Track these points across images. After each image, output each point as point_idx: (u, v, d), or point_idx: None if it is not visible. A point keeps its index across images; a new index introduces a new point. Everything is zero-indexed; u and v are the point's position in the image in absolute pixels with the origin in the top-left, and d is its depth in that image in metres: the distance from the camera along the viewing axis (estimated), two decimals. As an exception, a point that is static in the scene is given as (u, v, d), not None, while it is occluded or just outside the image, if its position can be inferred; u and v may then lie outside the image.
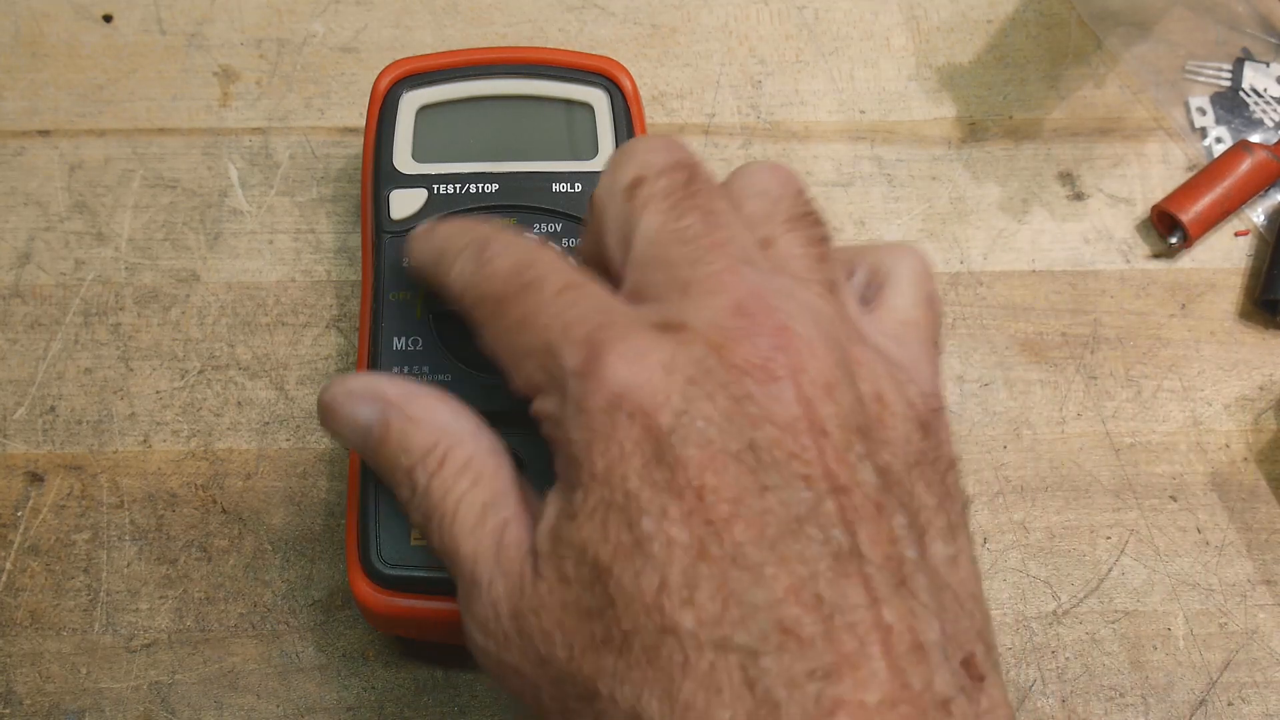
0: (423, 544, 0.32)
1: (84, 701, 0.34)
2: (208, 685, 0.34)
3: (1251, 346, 0.41)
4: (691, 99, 0.44)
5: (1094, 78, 0.45)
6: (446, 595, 0.31)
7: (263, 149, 0.42)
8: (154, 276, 0.40)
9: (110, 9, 0.45)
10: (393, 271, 0.35)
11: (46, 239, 0.41)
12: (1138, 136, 0.44)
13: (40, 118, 0.43)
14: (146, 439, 0.38)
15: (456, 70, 0.38)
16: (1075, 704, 0.35)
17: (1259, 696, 0.36)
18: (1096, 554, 0.37)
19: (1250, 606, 0.37)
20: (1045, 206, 0.43)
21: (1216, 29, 0.46)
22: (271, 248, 0.41)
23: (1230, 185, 0.42)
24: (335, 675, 0.35)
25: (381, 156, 0.37)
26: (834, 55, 0.45)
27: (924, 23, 0.46)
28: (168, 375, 0.39)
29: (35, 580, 0.36)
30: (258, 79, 0.44)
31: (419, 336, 0.34)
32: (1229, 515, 0.38)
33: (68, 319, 0.39)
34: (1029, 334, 0.41)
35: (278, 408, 0.38)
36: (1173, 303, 0.41)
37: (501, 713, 0.35)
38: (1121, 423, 0.39)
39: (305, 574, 0.36)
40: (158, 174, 0.42)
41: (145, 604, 0.35)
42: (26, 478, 0.37)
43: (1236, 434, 0.39)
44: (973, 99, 0.45)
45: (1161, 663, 0.36)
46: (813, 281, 0.27)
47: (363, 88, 0.41)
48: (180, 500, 0.37)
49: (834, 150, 0.43)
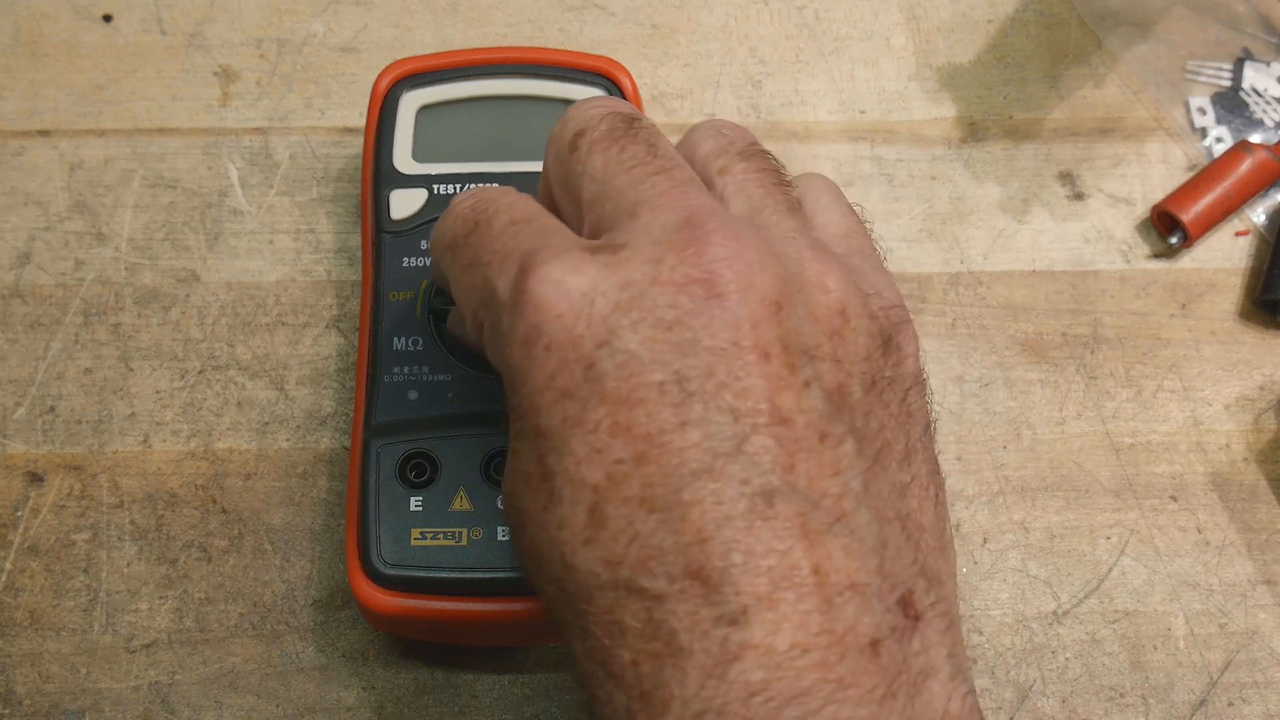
0: (423, 544, 0.32)
1: (84, 701, 0.34)
2: (208, 685, 0.34)
3: (1252, 346, 0.41)
4: (691, 99, 0.44)
5: (1094, 78, 0.45)
6: (446, 595, 0.31)
7: (263, 149, 0.42)
8: (154, 276, 0.40)
9: (110, 9, 0.45)
10: (393, 271, 0.35)
11: (46, 239, 0.41)
12: (1138, 136, 0.44)
13: (40, 118, 0.43)
14: (146, 439, 0.38)
15: (456, 70, 0.38)
16: (1075, 704, 0.35)
17: (1259, 697, 0.36)
18: (1096, 554, 0.37)
19: (1250, 607, 0.37)
20: (1045, 206, 0.43)
21: (1216, 29, 0.46)
22: (271, 248, 0.41)
23: (1230, 185, 0.42)
24: (335, 675, 0.35)
25: (381, 156, 0.37)
26: (834, 55, 0.45)
27: (924, 23, 0.46)
28: (168, 375, 0.39)
29: (35, 580, 0.36)
30: (258, 79, 0.44)
31: (419, 336, 0.34)
32: (1229, 515, 0.38)
33: (68, 319, 0.39)
34: (1029, 334, 0.41)
35: (278, 408, 0.38)
36: (1173, 303, 0.41)
37: (502, 713, 0.35)
38: (1121, 423, 0.39)
39: (305, 574, 0.36)
40: (158, 174, 0.42)
41: (145, 604, 0.35)
42: (26, 478, 0.37)
43: (1237, 434, 0.39)
44: (973, 99, 0.45)
45: (1162, 663, 0.36)
46: (770, 201, 0.26)
47: (363, 88, 0.41)
48: (180, 500, 0.37)
49: (834, 150, 0.43)
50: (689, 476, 0.22)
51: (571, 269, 0.23)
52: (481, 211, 0.27)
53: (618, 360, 0.22)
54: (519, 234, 0.25)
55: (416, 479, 0.32)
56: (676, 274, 0.23)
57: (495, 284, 0.25)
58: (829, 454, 0.22)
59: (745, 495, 0.22)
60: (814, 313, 0.24)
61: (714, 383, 0.22)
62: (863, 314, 0.24)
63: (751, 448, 0.22)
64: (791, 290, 0.24)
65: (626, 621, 0.22)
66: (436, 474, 0.32)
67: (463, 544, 0.32)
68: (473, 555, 0.31)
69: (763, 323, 0.23)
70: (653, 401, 0.22)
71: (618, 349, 0.22)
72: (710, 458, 0.22)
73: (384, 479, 0.32)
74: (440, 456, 0.33)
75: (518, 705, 0.35)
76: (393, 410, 0.33)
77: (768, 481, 0.22)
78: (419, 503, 0.32)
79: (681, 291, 0.23)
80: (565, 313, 0.23)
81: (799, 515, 0.22)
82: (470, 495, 0.32)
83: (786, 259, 0.24)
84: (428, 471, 0.32)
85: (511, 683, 0.35)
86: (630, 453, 0.22)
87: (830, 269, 0.25)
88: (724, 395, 0.22)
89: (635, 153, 0.26)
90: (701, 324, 0.23)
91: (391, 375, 0.34)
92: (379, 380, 0.34)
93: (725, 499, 0.21)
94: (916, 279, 0.41)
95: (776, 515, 0.22)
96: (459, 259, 0.27)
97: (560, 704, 0.35)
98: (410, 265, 0.35)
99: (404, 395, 0.34)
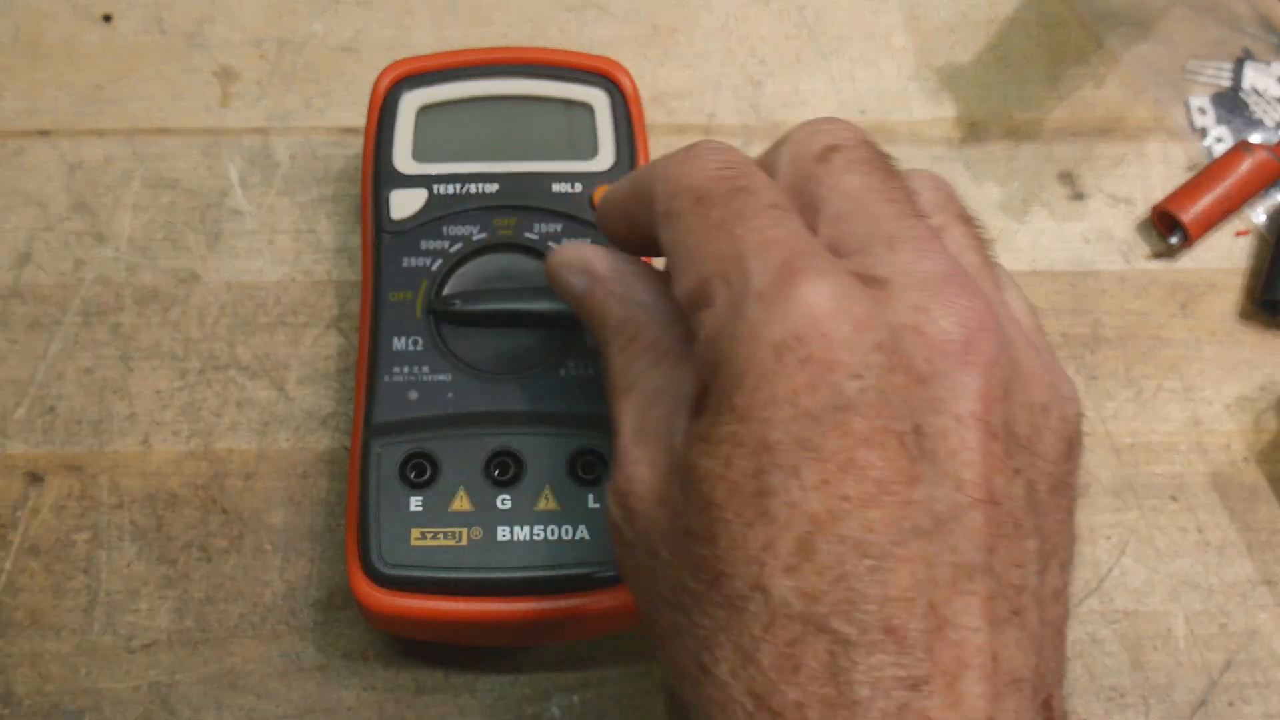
0: (423, 544, 0.32)
1: (84, 702, 0.34)
2: (208, 685, 0.34)
3: (1252, 346, 0.41)
4: (691, 99, 0.44)
5: (1094, 78, 0.45)
6: (446, 595, 0.31)
7: (263, 149, 0.42)
8: (154, 276, 0.40)
9: (110, 9, 0.45)
10: (393, 271, 0.35)
11: (46, 239, 0.41)
12: (1138, 136, 0.44)
13: (40, 118, 0.43)
14: (146, 439, 0.38)
15: (456, 70, 0.38)
16: (1076, 704, 0.35)
17: (1260, 697, 0.36)
18: (1097, 554, 0.37)
19: (1251, 607, 0.37)
20: (1045, 206, 0.43)
21: (1216, 29, 0.46)
22: (271, 248, 0.41)
23: (1231, 185, 0.42)
24: (335, 675, 0.35)
25: (381, 156, 0.37)
26: (834, 55, 0.45)
27: (924, 23, 0.46)
28: (168, 375, 0.39)
29: (35, 580, 0.36)
30: (258, 79, 0.44)
31: (419, 336, 0.34)
32: (1229, 515, 0.38)
33: (68, 319, 0.39)
34: (1029, 334, 0.41)
35: (278, 408, 0.38)
36: (1173, 303, 0.41)
37: (502, 713, 0.35)
38: (1122, 423, 0.39)
39: (305, 574, 0.36)
40: (158, 174, 0.42)
41: (145, 604, 0.35)
42: (26, 478, 0.37)
43: (1237, 434, 0.39)
44: (973, 99, 0.45)
45: (1162, 663, 0.36)
46: (986, 274, 0.25)
47: (363, 88, 0.41)
48: (180, 500, 0.37)
49: (834, 150, 0.43)
50: (909, 532, 0.21)
51: (846, 292, 0.23)
52: (741, 177, 0.25)
53: (869, 399, 0.22)
54: (783, 224, 0.24)
55: (416, 479, 0.32)
56: (939, 329, 0.23)
57: (751, 265, 0.23)
58: (1019, 545, 0.22)
59: (952, 565, 0.21)
60: (1031, 404, 0.24)
61: (947, 447, 0.22)
62: (1059, 414, 0.24)
63: (967, 520, 0.22)
64: (1018, 376, 0.23)
65: (806, 660, 0.21)
66: (436, 474, 0.32)
67: (463, 544, 0.32)
68: (473, 555, 0.31)
69: (998, 402, 0.23)
70: (892, 449, 0.22)
71: (870, 387, 0.22)
72: (932, 521, 0.21)
73: (384, 479, 0.32)
74: (440, 456, 0.33)
75: (518, 705, 0.35)
76: (393, 410, 0.33)
77: (974, 558, 0.22)
78: (419, 503, 0.32)
79: (940, 352, 0.22)
80: (833, 334, 0.22)
81: (990, 598, 0.22)
82: (470, 495, 0.32)
83: (1017, 344, 0.24)
84: (428, 471, 0.32)
85: (511, 683, 0.35)
86: (859, 493, 0.21)
87: (1038, 360, 0.24)
88: (954, 462, 0.22)
89: (894, 187, 0.25)
90: (949, 386, 0.22)
91: (391, 375, 0.34)
92: (379, 380, 0.34)
93: (936, 565, 0.21)
94: (916, 279, 0.41)
95: (975, 593, 0.21)
96: (707, 216, 0.25)
97: (560, 704, 0.35)
98: (410, 265, 0.35)
99: (404, 395, 0.34)
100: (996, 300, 0.24)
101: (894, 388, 0.22)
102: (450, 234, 0.36)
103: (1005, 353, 0.23)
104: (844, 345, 0.22)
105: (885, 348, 0.22)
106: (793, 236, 0.24)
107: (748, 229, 0.24)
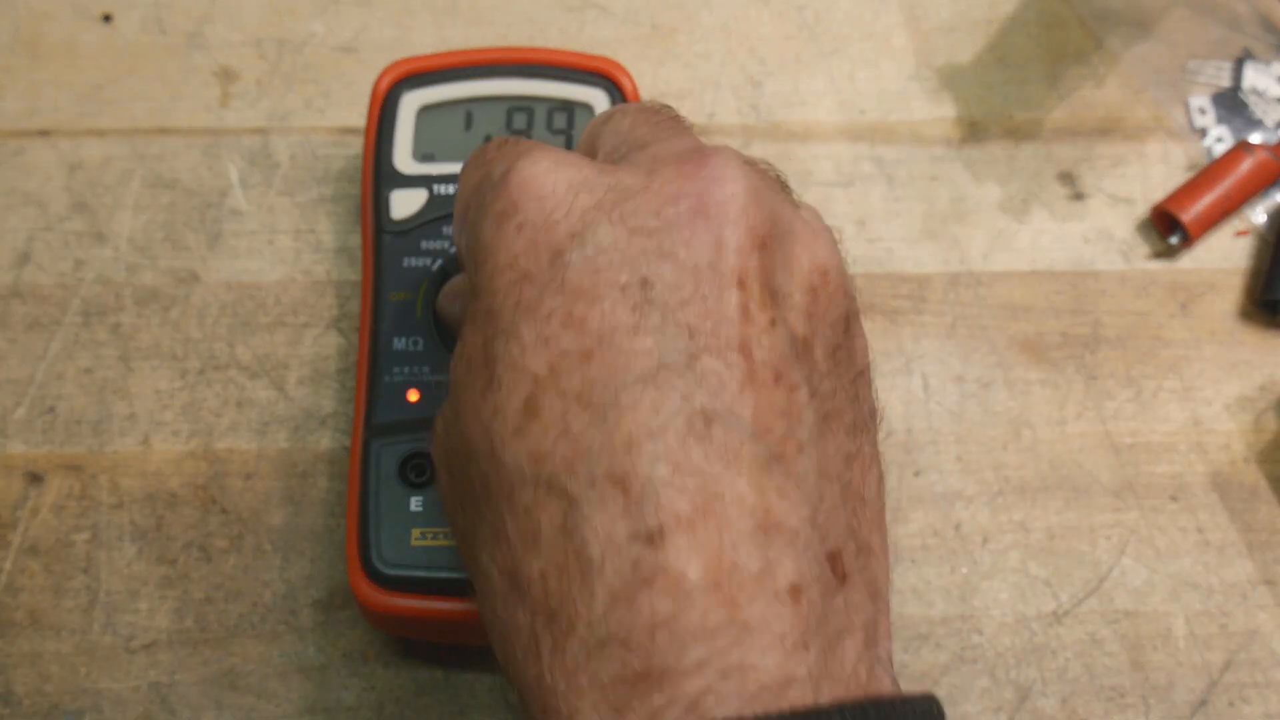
0: (423, 544, 0.32)
1: (83, 702, 0.34)
2: (208, 685, 0.34)
3: (1252, 346, 0.41)
4: (691, 99, 0.44)
5: (1094, 78, 0.45)
6: (446, 595, 0.31)
7: (263, 149, 0.42)
8: (154, 276, 0.40)
9: (110, 9, 0.45)
10: (393, 271, 0.35)
11: (46, 239, 0.41)
12: (1138, 136, 0.44)
13: (40, 118, 0.43)
14: (146, 439, 0.38)
15: (456, 70, 0.38)
16: (1075, 704, 0.35)
17: (1260, 697, 0.36)
18: (1097, 554, 0.37)
19: (1251, 607, 0.37)
20: (1045, 206, 0.43)
21: (1216, 29, 0.46)
22: (271, 248, 0.41)
23: (1230, 185, 0.42)
24: (335, 675, 0.35)
25: (381, 156, 0.37)
26: (834, 55, 0.45)
27: (924, 23, 0.46)
28: (168, 375, 0.39)
29: (35, 580, 0.36)
30: (258, 79, 0.44)
31: (419, 336, 0.34)
32: (1229, 515, 0.38)
33: (67, 319, 0.39)
34: (1029, 334, 0.41)
35: (278, 408, 0.38)
36: (1173, 303, 0.41)
37: (502, 713, 0.35)
38: (1122, 423, 0.39)
39: (305, 574, 0.36)
40: (157, 174, 0.42)
41: (145, 604, 0.35)
42: (26, 478, 0.37)
43: (1237, 434, 0.39)
44: (973, 99, 0.45)
45: (1162, 663, 0.36)
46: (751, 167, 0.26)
47: (363, 88, 0.41)
48: (180, 500, 0.37)
49: (834, 150, 0.43)
50: (632, 381, 0.21)
51: (566, 162, 0.23)
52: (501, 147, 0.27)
53: (587, 253, 0.22)
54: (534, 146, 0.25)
55: (417, 479, 0.32)
56: (670, 187, 0.22)
57: (492, 171, 0.24)
58: (781, 395, 0.22)
59: (684, 412, 0.21)
60: (797, 264, 0.23)
61: (678, 296, 0.22)
62: (840, 285, 0.24)
63: (702, 367, 0.21)
64: (780, 235, 0.23)
65: (542, 525, 0.20)
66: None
67: (463, 544, 0.32)
68: (473, 555, 0.31)
69: (746, 252, 0.22)
70: (612, 300, 0.21)
71: (589, 242, 0.22)
72: (657, 367, 0.21)
73: (384, 479, 0.32)
74: (440, 456, 0.33)
75: (518, 705, 0.35)
76: (393, 410, 0.33)
77: (711, 404, 0.21)
78: (419, 503, 0.32)
79: (670, 203, 0.22)
80: (547, 196, 0.23)
81: (737, 444, 0.21)
82: (470, 495, 0.32)
83: (782, 210, 0.24)
84: (428, 471, 0.32)
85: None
86: (578, 346, 0.21)
87: (821, 236, 0.24)
88: (686, 311, 0.22)
89: (664, 116, 0.26)
90: (682, 237, 0.22)
91: (391, 375, 0.34)
92: (379, 380, 0.34)
93: (663, 410, 0.21)
94: (916, 279, 0.41)
95: (712, 439, 0.21)
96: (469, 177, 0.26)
97: (560, 704, 0.35)
98: (410, 265, 0.35)
99: (404, 395, 0.34)
100: (755, 174, 0.24)
101: (616, 241, 0.22)
102: (450, 234, 0.36)
103: (759, 213, 0.23)
104: (559, 206, 0.22)
105: (604, 205, 0.22)
106: (537, 146, 0.24)
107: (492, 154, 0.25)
